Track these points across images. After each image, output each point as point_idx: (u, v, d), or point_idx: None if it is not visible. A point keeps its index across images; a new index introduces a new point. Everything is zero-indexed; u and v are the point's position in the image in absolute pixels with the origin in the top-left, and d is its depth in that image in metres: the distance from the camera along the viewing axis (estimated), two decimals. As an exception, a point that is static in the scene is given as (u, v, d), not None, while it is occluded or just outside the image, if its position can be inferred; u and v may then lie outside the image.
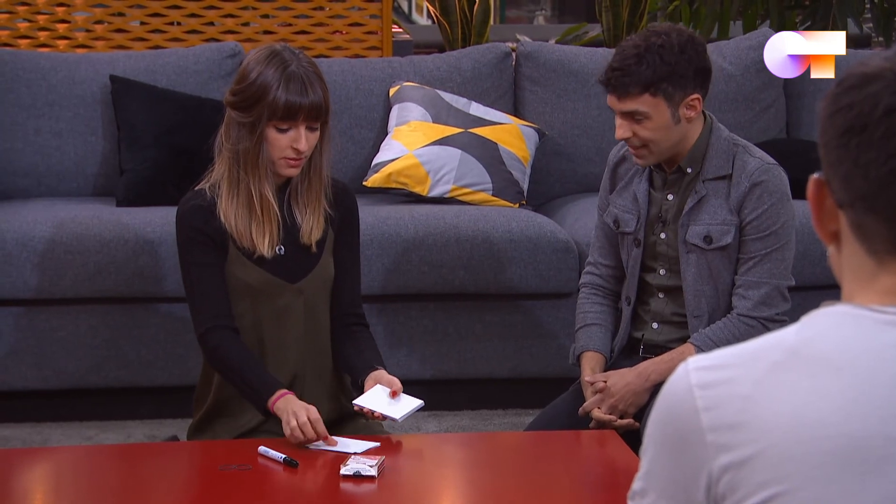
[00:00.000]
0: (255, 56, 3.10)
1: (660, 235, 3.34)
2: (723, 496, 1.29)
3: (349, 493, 2.75)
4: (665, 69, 3.15)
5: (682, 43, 3.17)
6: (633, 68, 3.15)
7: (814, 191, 1.35)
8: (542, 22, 10.76)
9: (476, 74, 4.79)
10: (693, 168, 3.28)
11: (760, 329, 3.23)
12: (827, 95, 1.34)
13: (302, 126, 3.07)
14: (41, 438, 4.12)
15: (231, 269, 3.15)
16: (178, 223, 3.18)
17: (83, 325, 4.22)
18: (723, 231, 3.26)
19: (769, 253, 3.25)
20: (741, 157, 3.27)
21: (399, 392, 3.07)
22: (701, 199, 3.27)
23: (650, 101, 3.17)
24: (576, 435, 3.23)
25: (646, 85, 3.15)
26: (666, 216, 3.33)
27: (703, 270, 3.30)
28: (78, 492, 2.92)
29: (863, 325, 1.29)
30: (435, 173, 4.51)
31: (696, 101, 3.20)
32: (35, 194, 4.58)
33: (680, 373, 1.34)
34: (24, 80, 4.63)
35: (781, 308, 3.27)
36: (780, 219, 3.25)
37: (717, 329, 3.26)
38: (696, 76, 3.19)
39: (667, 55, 3.15)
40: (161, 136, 4.51)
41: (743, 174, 3.24)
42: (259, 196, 3.09)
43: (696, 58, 3.18)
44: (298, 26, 5.67)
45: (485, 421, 4.29)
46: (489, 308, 4.35)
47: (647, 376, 3.28)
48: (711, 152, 3.27)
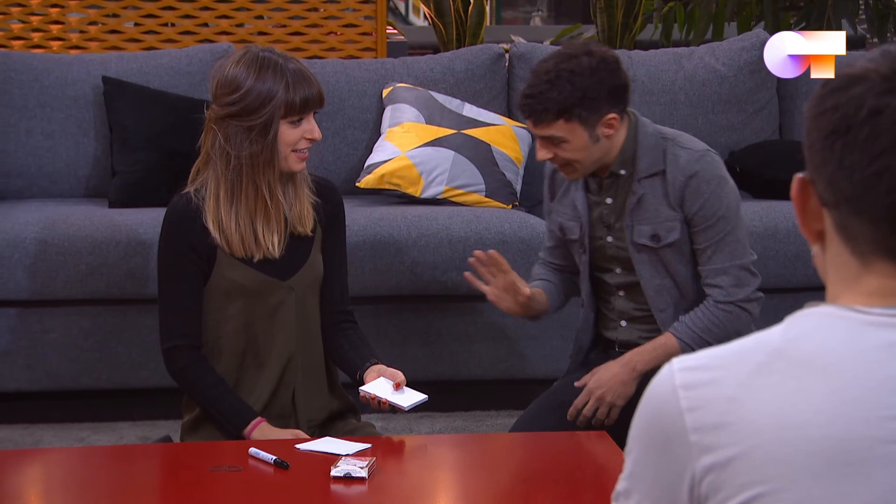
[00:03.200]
0: (237, 66, 3.13)
1: (606, 239, 3.37)
2: (706, 497, 1.29)
3: (340, 494, 2.75)
4: (577, 94, 3.15)
5: (594, 65, 3.17)
6: (545, 95, 3.16)
7: (798, 190, 1.35)
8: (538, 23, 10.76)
9: (469, 75, 4.79)
10: (626, 169, 3.30)
11: (739, 312, 3.26)
12: (812, 97, 1.34)
13: (311, 115, 3.16)
14: (33, 440, 4.12)
15: (222, 273, 3.17)
16: (164, 230, 3.20)
17: (75, 327, 4.22)
18: (669, 228, 3.28)
19: (723, 238, 3.26)
20: (672, 151, 3.28)
21: (403, 384, 3.10)
22: (640, 198, 3.29)
23: (565, 127, 3.18)
24: (567, 436, 3.23)
25: (558, 112, 3.16)
26: (608, 220, 3.36)
27: (658, 267, 3.33)
28: (70, 493, 2.92)
29: (847, 327, 1.29)
30: (428, 174, 4.51)
31: (614, 119, 3.21)
32: (27, 195, 4.58)
33: (664, 373, 1.33)
34: (17, 81, 4.62)
35: (753, 285, 3.29)
36: (723, 202, 3.26)
37: (696, 317, 3.27)
38: (611, 96, 3.19)
39: (578, 80, 3.15)
40: (153, 138, 4.50)
41: (676, 169, 3.26)
42: (270, 196, 3.14)
43: (609, 78, 3.18)
44: (293, 27, 5.67)
45: (477, 422, 4.29)
46: (482, 309, 4.35)
47: (633, 366, 3.29)
48: (641, 151, 3.28)
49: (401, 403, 3.08)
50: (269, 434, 3.08)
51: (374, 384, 3.12)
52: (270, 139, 3.11)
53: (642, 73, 4.82)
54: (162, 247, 3.22)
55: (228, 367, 3.21)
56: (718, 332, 3.25)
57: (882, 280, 1.30)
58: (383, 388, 3.11)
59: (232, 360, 3.21)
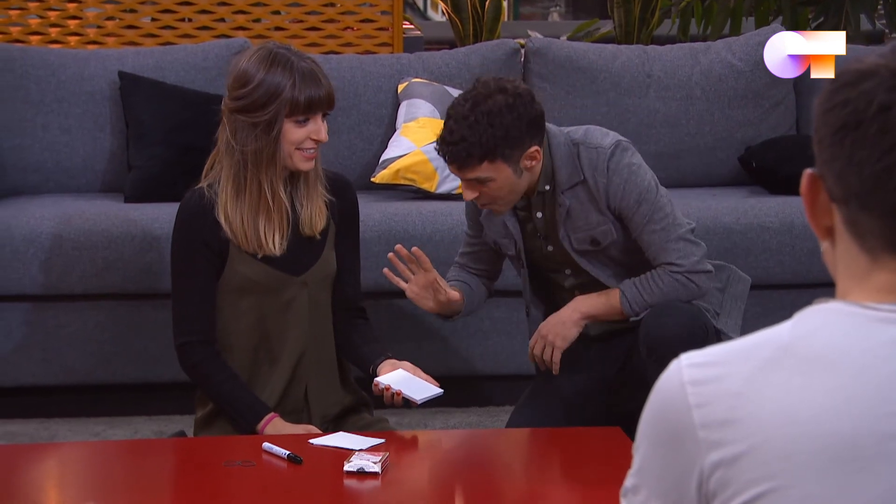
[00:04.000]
0: (250, 60, 3.13)
1: (547, 248, 3.41)
2: (714, 493, 1.29)
3: (353, 489, 2.75)
4: (498, 135, 3.15)
5: (510, 102, 3.17)
6: (466, 140, 3.16)
7: (807, 185, 1.34)
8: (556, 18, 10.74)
9: (485, 70, 4.77)
10: (548, 184, 3.32)
11: (685, 282, 3.29)
12: (822, 92, 1.34)
13: (318, 117, 3.14)
14: (49, 434, 4.13)
15: (234, 267, 3.17)
16: (178, 225, 3.20)
17: (91, 321, 4.23)
18: (603, 232, 3.33)
19: (650, 219, 3.29)
20: (584, 156, 3.30)
21: (420, 377, 3.11)
22: (567, 210, 3.32)
23: (490, 167, 3.19)
24: (581, 431, 3.23)
25: (482, 156, 3.16)
26: (543, 231, 3.39)
27: (607, 263, 3.38)
28: (85, 487, 2.93)
29: (856, 323, 1.29)
30: (443, 170, 4.51)
31: (536, 151, 3.23)
32: (43, 190, 4.59)
33: (673, 369, 1.33)
34: (34, 76, 4.63)
35: (697, 254, 3.31)
36: (638, 188, 3.30)
37: (644, 278, 3.32)
38: (530, 129, 3.20)
39: (497, 120, 3.15)
40: (169, 133, 4.51)
41: (595, 172, 3.29)
42: (272, 194, 3.13)
43: (526, 112, 3.19)
44: (309, 22, 5.67)
45: (492, 417, 4.28)
46: (497, 304, 4.34)
47: (577, 307, 3.35)
48: (558, 163, 3.31)
49: (414, 396, 3.08)
50: (281, 429, 3.08)
51: (390, 375, 3.12)
52: (274, 136, 3.10)
53: (658, 69, 4.81)
54: (175, 242, 3.22)
55: (241, 363, 3.21)
56: (660, 294, 3.29)
57: (891, 276, 1.30)
58: (399, 380, 3.11)
59: (244, 356, 3.21)
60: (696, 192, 4.62)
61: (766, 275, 4.32)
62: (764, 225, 4.38)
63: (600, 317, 3.35)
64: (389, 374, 3.13)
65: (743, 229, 4.36)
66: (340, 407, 3.27)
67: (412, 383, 3.12)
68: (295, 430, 3.09)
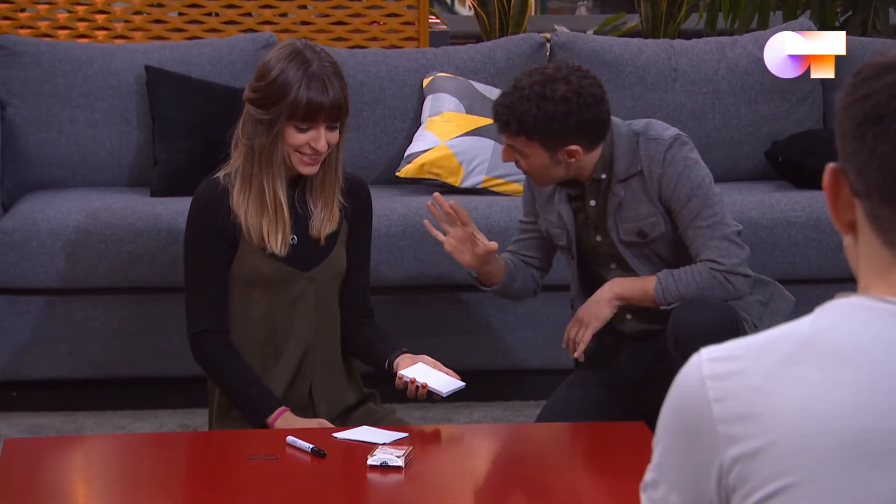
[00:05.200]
0: (277, 54, 3.11)
1: (596, 239, 3.41)
2: (733, 488, 1.28)
3: (376, 483, 2.76)
4: (541, 119, 3.17)
5: (567, 96, 3.17)
6: (512, 109, 3.19)
7: (830, 180, 1.34)
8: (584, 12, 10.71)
9: (510, 65, 4.78)
10: (605, 174, 3.33)
11: (722, 281, 3.28)
12: (844, 86, 1.33)
13: (322, 126, 3.09)
14: (75, 427, 4.15)
15: (243, 259, 3.17)
16: (192, 213, 3.20)
17: (117, 315, 4.24)
18: (652, 224, 3.33)
19: (698, 215, 3.29)
20: (644, 147, 3.31)
21: (441, 370, 3.11)
22: (620, 201, 3.32)
23: (525, 143, 3.22)
24: (605, 426, 3.23)
25: (519, 129, 3.19)
26: (594, 221, 3.39)
27: (651, 258, 3.38)
28: (110, 480, 2.95)
29: (877, 318, 1.28)
30: (468, 164, 4.51)
31: (576, 151, 3.22)
32: (70, 184, 4.60)
33: (693, 363, 1.33)
34: (61, 70, 4.65)
35: (740, 256, 3.30)
36: (693, 183, 3.30)
37: (683, 270, 3.31)
38: (578, 129, 3.20)
39: (545, 106, 3.17)
40: (195, 127, 4.52)
41: (652, 163, 3.30)
42: (272, 194, 3.11)
43: (580, 112, 3.18)
44: (335, 17, 5.67)
45: (516, 412, 4.28)
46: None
47: (611, 287, 3.35)
48: (617, 153, 3.31)
49: (440, 389, 3.08)
50: (292, 423, 3.07)
51: (412, 368, 3.12)
52: (273, 137, 3.08)
53: (684, 63, 4.79)
54: (189, 231, 3.21)
55: (248, 357, 3.19)
56: (695, 288, 3.28)
57: (913, 271, 1.29)
58: (423, 373, 3.11)
59: (251, 349, 3.20)
60: (722, 187, 4.56)
61: (792, 269, 4.31)
62: (790, 220, 4.36)
63: (633, 300, 3.34)
64: (412, 368, 3.13)
65: (769, 224, 4.35)
66: (344, 405, 3.27)
67: (436, 377, 3.12)
68: (307, 424, 3.08)
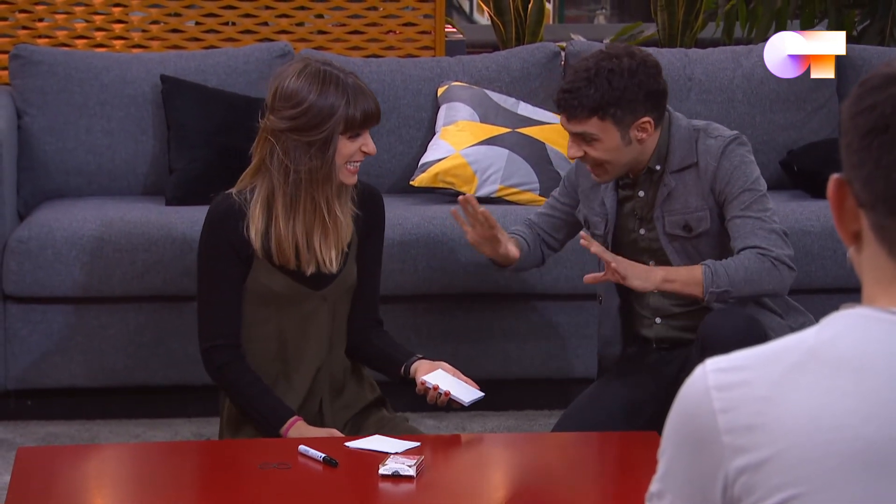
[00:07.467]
0: (298, 80, 3.11)
1: (639, 232, 3.38)
2: (739, 498, 1.28)
3: (388, 492, 2.76)
4: (613, 94, 3.18)
5: (633, 67, 3.20)
6: (581, 91, 3.19)
7: (834, 190, 1.34)
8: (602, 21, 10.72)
9: (524, 74, 4.78)
10: (660, 164, 3.32)
11: (770, 265, 3.21)
12: (850, 96, 1.33)
13: (367, 131, 3.17)
14: (90, 436, 4.15)
15: (256, 277, 3.18)
16: (205, 230, 3.21)
17: (132, 323, 4.25)
18: (699, 218, 3.31)
19: (749, 206, 3.26)
20: (703, 142, 3.31)
21: (460, 378, 3.12)
22: (670, 191, 3.31)
23: (599, 125, 3.21)
24: (618, 436, 3.22)
25: (593, 109, 3.19)
26: (641, 212, 3.37)
27: (693, 256, 3.34)
28: (124, 489, 2.96)
29: (881, 328, 1.28)
30: (482, 173, 4.51)
31: (648, 123, 3.24)
32: (86, 193, 4.62)
33: (698, 374, 1.33)
34: (77, 79, 4.66)
35: (786, 250, 3.26)
36: (749, 178, 3.28)
37: (728, 259, 3.23)
38: (648, 100, 3.22)
39: (616, 80, 3.19)
40: (210, 136, 4.53)
41: (708, 157, 3.29)
42: (328, 210, 3.14)
43: (647, 81, 3.21)
44: (352, 26, 5.68)
45: (530, 421, 4.28)
46: (535, 308, 4.34)
47: (658, 269, 3.25)
48: (674, 144, 3.31)
49: (462, 398, 3.09)
50: (305, 433, 3.08)
51: (434, 374, 3.13)
52: (330, 155, 3.12)
53: (700, 72, 4.79)
54: (203, 246, 3.22)
55: (259, 373, 3.21)
56: (744, 273, 3.20)
57: (918, 282, 1.29)
58: (445, 380, 3.12)
59: (263, 365, 3.22)
60: (738, 196, 4.60)
61: (807, 279, 4.29)
62: (805, 229, 4.35)
63: (677, 286, 3.21)
64: (433, 374, 3.13)
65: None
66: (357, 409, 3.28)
67: (457, 385, 3.12)
68: (319, 434, 3.09)
